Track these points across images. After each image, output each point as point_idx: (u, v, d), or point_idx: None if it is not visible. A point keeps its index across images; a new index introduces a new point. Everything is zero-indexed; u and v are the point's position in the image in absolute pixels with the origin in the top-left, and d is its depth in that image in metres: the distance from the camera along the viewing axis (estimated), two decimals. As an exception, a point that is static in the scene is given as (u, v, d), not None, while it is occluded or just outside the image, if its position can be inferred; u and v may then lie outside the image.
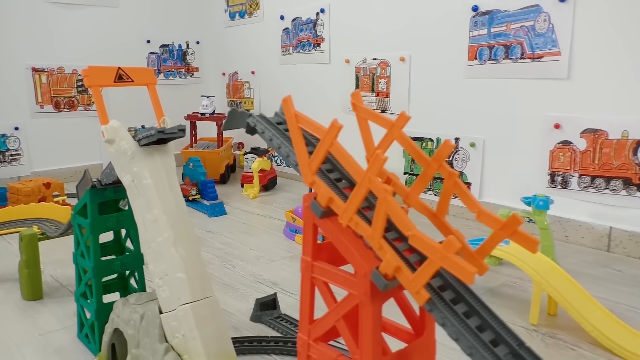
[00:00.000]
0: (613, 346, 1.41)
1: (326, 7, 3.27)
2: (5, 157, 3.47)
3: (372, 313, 0.60)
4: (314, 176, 0.66)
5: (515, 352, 0.55)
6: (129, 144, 1.12)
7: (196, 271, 1.08)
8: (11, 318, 1.65)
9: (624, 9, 2.06)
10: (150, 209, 1.11)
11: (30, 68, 3.52)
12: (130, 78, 1.24)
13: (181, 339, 1.09)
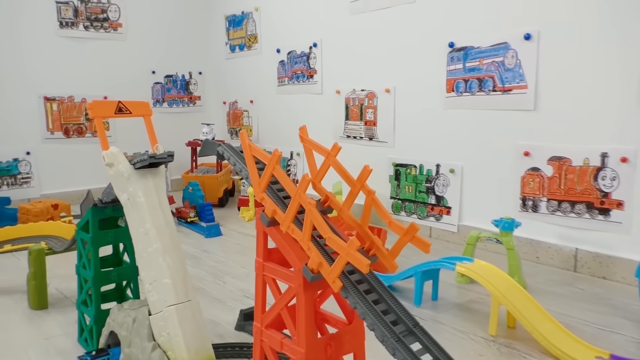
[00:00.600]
0: (560, 354, 1.56)
1: (318, 42, 3.50)
2: (17, 180, 3.68)
3: (305, 301, 0.77)
4: (262, 193, 0.84)
5: (411, 330, 0.72)
6: (126, 167, 1.31)
7: (180, 277, 1.25)
8: (19, 324, 1.82)
9: (583, 47, 2.26)
10: (143, 224, 1.29)
11: (43, 97, 3.76)
12: (129, 110, 1.42)
13: (166, 337, 1.25)
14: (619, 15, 2.15)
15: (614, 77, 2.18)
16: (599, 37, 2.21)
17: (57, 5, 3.78)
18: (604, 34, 2.19)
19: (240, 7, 4.18)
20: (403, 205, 3.06)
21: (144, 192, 1.29)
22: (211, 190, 3.66)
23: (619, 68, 2.17)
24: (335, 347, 0.81)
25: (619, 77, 2.17)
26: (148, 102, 1.51)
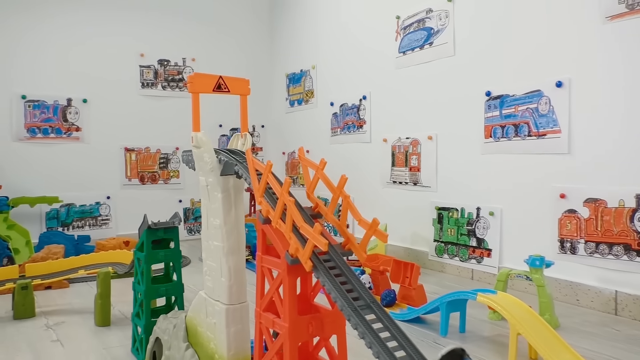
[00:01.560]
0: (575, 382, 1.58)
1: (367, 94, 3.75)
2: (97, 221, 4.12)
3: (288, 283, 0.94)
4: (261, 197, 1.03)
5: (368, 305, 0.86)
6: (211, 158, 1.30)
7: (237, 280, 1.33)
8: (84, 337, 2.09)
9: (612, 91, 2.33)
10: (215, 217, 1.35)
11: (124, 147, 4.25)
12: (227, 88, 1.40)
13: (213, 325, 1.36)
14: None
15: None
16: (628, 81, 2.28)
17: (141, 69, 4.33)
18: (632, 78, 2.26)
19: (299, 66, 4.56)
20: (446, 248, 3.13)
21: (222, 190, 1.31)
22: (266, 232, 3.90)
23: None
24: (316, 326, 0.97)
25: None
26: (248, 80, 1.48)
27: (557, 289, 2.52)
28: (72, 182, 4.01)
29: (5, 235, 3.27)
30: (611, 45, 2.34)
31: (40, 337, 2.07)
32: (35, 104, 3.88)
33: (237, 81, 1.42)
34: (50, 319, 2.31)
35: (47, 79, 3.94)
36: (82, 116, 4.06)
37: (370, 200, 3.77)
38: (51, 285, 2.83)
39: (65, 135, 4.00)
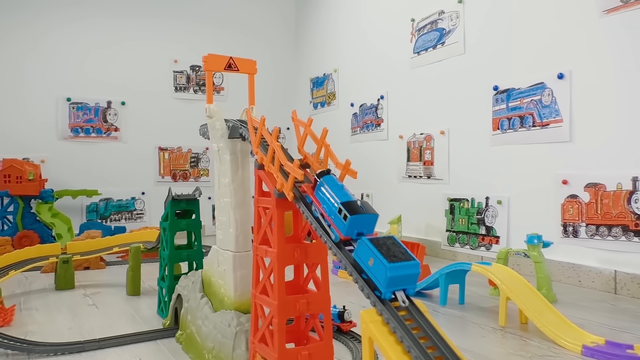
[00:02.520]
0: (557, 338, 1.70)
1: (385, 94, 3.94)
2: (133, 215, 4.42)
3: (278, 216, 1.13)
4: (257, 148, 1.23)
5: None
6: (221, 126, 1.51)
7: (243, 231, 1.52)
8: (116, 302, 2.32)
9: (612, 81, 2.44)
10: (225, 176, 1.56)
11: (157, 147, 4.55)
12: (237, 67, 1.58)
13: (223, 271, 1.57)
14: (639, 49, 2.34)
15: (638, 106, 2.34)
16: (624, 71, 2.39)
17: (174, 74, 4.64)
18: (628, 67, 2.38)
19: (322, 70, 4.79)
20: (457, 237, 3.26)
21: (231, 152, 1.50)
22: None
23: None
24: (301, 253, 1.15)
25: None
26: (255, 61, 1.65)
27: (561, 271, 2.63)
28: (110, 178, 4.32)
29: (50, 222, 3.58)
30: (608, 37, 2.46)
31: (78, 303, 2.32)
32: (79, 106, 4.23)
33: (245, 62, 1.60)
34: (87, 290, 2.56)
35: (89, 83, 4.29)
36: (120, 117, 4.39)
37: (387, 194, 3.93)
38: (89, 266, 3.10)
39: (105, 135, 4.33)
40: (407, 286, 0.86)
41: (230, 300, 1.52)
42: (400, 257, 0.85)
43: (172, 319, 1.91)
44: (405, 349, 0.80)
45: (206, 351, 1.52)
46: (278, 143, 1.13)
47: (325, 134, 1.18)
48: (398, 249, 0.87)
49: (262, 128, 1.20)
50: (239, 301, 1.50)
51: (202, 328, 1.59)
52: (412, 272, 0.85)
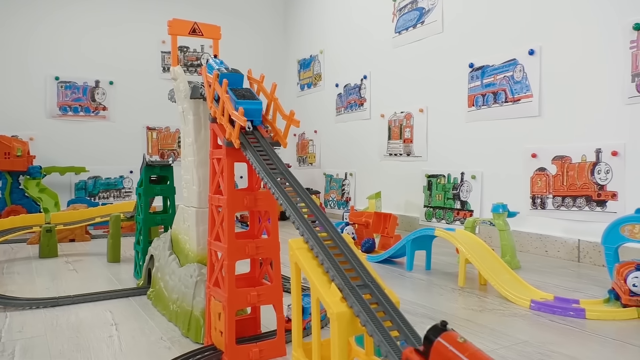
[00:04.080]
0: (509, 295, 1.79)
1: (368, 74, 4.00)
2: (121, 193, 4.49)
3: (227, 165, 1.21)
4: (211, 103, 1.30)
5: (281, 172, 1.12)
6: (184, 87, 1.56)
7: (205, 188, 1.58)
8: (96, 268, 2.41)
9: (577, 57, 2.51)
10: (188, 136, 1.63)
11: (145, 126, 4.61)
12: (202, 32, 1.61)
13: (187, 227, 1.65)
14: (607, 28, 2.40)
15: (604, 80, 2.40)
16: (590, 48, 2.46)
17: (162, 54, 4.69)
18: (594, 44, 2.44)
19: (309, 51, 4.84)
20: (434, 212, 3.34)
21: (194, 113, 1.56)
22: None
23: (607, 74, 2.39)
24: (250, 200, 1.23)
25: (608, 80, 2.39)
26: (219, 27, 1.68)
27: (529, 242, 2.71)
28: (98, 156, 4.39)
29: (37, 197, 3.66)
30: (577, 14, 2.52)
31: (60, 269, 2.40)
32: (67, 85, 4.28)
33: (210, 27, 1.65)
34: (70, 258, 2.65)
35: (78, 62, 4.34)
36: (108, 97, 4.45)
37: (369, 172, 4.01)
38: (75, 239, 3.18)
39: (93, 114, 4.39)
40: (254, 118, 1.20)
41: (194, 253, 1.60)
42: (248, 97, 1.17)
43: (145, 279, 1.99)
44: (324, 271, 0.88)
45: (171, 302, 1.60)
46: (227, 95, 1.20)
47: (274, 89, 1.25)
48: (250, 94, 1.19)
49: (214, 82, 1.27)
50: (201, 254, 1.58)
51: (169, 282, 1.67)
52: (255, 107, 1.19)
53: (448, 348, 0.64)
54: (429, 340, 0.67)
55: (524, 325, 1.53)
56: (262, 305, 1.27)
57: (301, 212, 1.01)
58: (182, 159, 1.68)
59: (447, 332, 0.66)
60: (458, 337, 0.65)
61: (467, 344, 0.64)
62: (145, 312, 1.68)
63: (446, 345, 0.65)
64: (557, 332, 1.48)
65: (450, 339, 0.65)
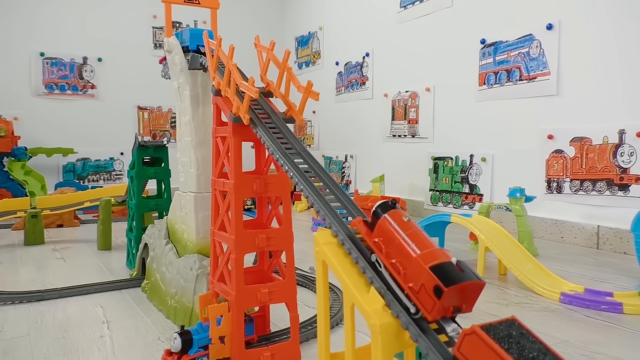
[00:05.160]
0: (535, 287, 1.65)
1: (370, 51, 3.81)
2: (111, 175, 4.31)
3: (234, 144, 1.05)
4: (214, 73, 1.13)
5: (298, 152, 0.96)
6: (180, 59, 1.41)
7: (205, 170, 1.45)
8: (85, 256, 2.24)
9: (600, 32, 2.35)
10: (185, 114, 1.48)
11: (136, 106, 4.41)
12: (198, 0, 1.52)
13: (185, 214, 1.50)
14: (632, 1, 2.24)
15: (630, 56, 2.25)
16: (613, 22, 2.30)
17: (153, 30, 4.47)
18: (618, 19, 2.28)
19: (307, 28, 4.64)
20: (440, 196, 3.20)
21: (191, 87, 1.42)
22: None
23: (634, 49, 2.23)
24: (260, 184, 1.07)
25: (631, 56, 2.23)
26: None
27: (543, 227, 2.58)
28: (87, 137, 4.19)
29: (23, 180, 3.47)
30: (599, -16, 2.36)
31: (46, 257, 2.23)
32: (53, 62, 4.06)
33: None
34: (57, 246, 2.48)
35: (64, 37, 4.11)
36: (97, 74, 4.23)
37: (371, 154, 3.85)
38: (63, 224, 3.01)
39: (81, 93, 4.18)
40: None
41: (193, 243, 1.45)
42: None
43: (139, 269, 1.83)
44: (360, 271, 0.73)
45: (169, 297, 1.45)
46: (234, 63, 1.03)
47: (287, 57, 1.08)
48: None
49: (218, 49, 1.10)
50: (201, 244, 1.43)
51: (166, 274, 1.52)
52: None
53: (391, 223, 0.70)
54: (376, 215, 0.72)
55: (558, 322, 1.40)
56: (273, 303, 1.12)
57: (327, 201, 0.85)
58: (178, 140, 1.52)
59: (395, 209, 0.71)
60: (404, 215, 0.70)
61: (410, 223, 0.69)
62: (140, 307, 1.52)
63: (390, 221, 0.70)
64: (596, 329, 1.34)
65: (396, 216, 0.70)
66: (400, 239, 0.67)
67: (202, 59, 1.30)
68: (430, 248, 0.65)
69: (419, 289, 0.63)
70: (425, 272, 0.62)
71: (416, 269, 0.63)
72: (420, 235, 0.67)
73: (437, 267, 0.62)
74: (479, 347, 0.56)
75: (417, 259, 0.64)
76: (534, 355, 0.53)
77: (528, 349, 0.54)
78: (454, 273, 0.62)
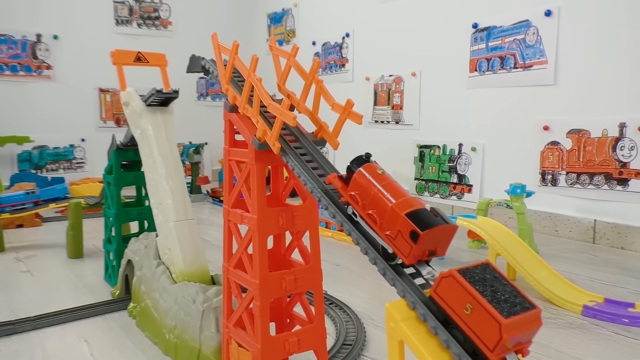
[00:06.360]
0: (554, 298, 1.57)
1: (350, 32, 3.63)
2: (72, 164, 4.00)
3: (257, 172, 0.88)
4: (227, 85, 0.96)
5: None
6: (138, 104, 1.48)
7: (180, 199, 1.39)
8: (55, 267, 2.02)
9: (602, 20, 2.26)
10: (151, 154, 1.45)
11: (98, 88, 4.08)
12: (147, 60, 1.59)
13: (168, 253, 1.39)
14: (635, -18, 2.15)
15: (630, 49, 2.17)
16: (616, 10, 2.21)
17: (115, 5, 4.12)
18: (621, 6, 2.19)
19: (281, 4, 4.38)
20: (427, 186, 3.10)
21: (153, 126, 1.46)
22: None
23: (634, 40, 2.15)
24: (287, 219, 0.91)
25: (634, 48, 2.15)
26: (164, 54, 1.65)
27: (537, 220, 2.52)
28: (44, 123, 3.85)
29: (-26, 173, 3.15)
30: (601, -31, 2.25)
31: (9, 269, 2.00)
32: (2, 39, 3.67)
33: (154, 55, 1.66)
34: (20, 253, 2.24)
35: (14, 11, 3.73)
36: (53, 54, 3.87)
37: (351, 141, 3.69)
38: (23, 224, 2.75)
39: (35, 74, 3.82)
40: None
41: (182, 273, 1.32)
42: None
43: (122, 287, 1.65)
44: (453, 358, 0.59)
45: (166, 330, 1.28)
46: (258, 77, 0.86)
47: (317, 66, 0.91)
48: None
49: (234, 57, 0.92)
50: (189, 271, 1.32)
51: (160, 302, 1.35)
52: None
53: (366, 176, 0.72)
54: (351, 169, 0.75)
55: (590, 343, 1.32)
56: (302, 352, 0.98)
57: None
58: (148, 185, 1.48)
59: (369, 163, 0.74)
60: (378, 168, 0.73)
61: (384, 175, 0.72)
62: (131, 340, 1.35)
63: (365, 173, 0.72)
64: (630, 351, 1.27)
65: (370, 169, 0.73)
66: (375, 191, 0.70)
67: (203, 60, 1.11)
68: (404, 197, 0.68)
69: (395, 236, 0.67)
70: (401, 218, 0.65)
71: (392, 217, 0.67)
72: (394, 185, 0.71)
73: (412, 213, 0.66)
74: (455, 289, 0.59)
75: (392, 208, 0.67)
76: (506, 297, 0.57)
77: (501, 291, 0.58)
78: (429, 218, 0.66)
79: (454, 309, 0.59)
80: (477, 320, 0.56)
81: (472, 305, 0.57)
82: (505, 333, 0.53)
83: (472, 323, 0.57)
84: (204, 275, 1.35)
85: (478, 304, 0.56)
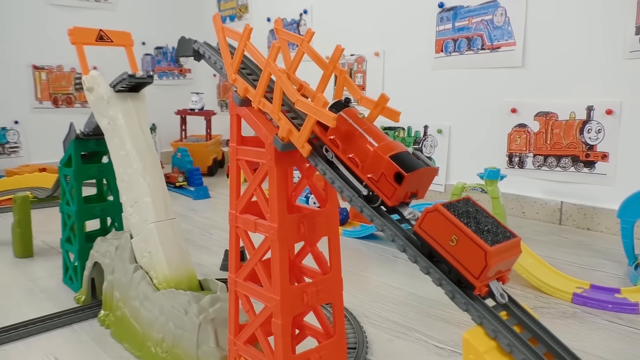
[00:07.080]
0: (541, 285, 1.57)
1: (309, 9, 3.49)
2: (5, 149, 3.66)
3: (277, 175, 0.78)
4: (235, 74, 0.84)
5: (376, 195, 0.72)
6: (106, 90, 1.31)
7: (160, 196, 1.25)
8: (4, 270, 1.81)
9: (572, 3, 2.26)
10: (123, 146, 1.29)
11: (31, 66, 3.73)
12: (110, 39, 1.41)
13: (148, 256, 1.26)
14: (604, -34, 2.16)
15: (600, 31, 2.19)
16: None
17: (47, -28, 3.75)
18: (590, -15, 2.20)
19: (231, -22, 4.16)
20: (392, 169, 3.07)
21: (123, 115, 1.30)
22: (200, 158, 3.65)
23: (604, 23, 2.17)
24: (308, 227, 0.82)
25: (604, 32, 2.18)
26: (130, 32, 1.47)
27: (504, 202, 2.53)
28: (-30, 104, 3.48)
29: None
30: (571, -49, 2.25)
31: (-53, 272, 1.78)
32: None
33: (119, 34, 1.45)
34: (-42, 253, 2.00)
35: None
36: (-23, 27, 3.48)
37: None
38: (-44, 218, 2.46)
39: (-43, 49, 3.42)
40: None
41: (166, 279, 1.19)
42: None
43: (88, 292, 1.50)
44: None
45: (152, 343, 1.16)
46: (280, 68, 0.75)
47: (339, 54, 0.81)
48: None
49: (245, 42, 0.80)
50: (175, 277, 1.20)
51: (142, 311, 1.22)
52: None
53: (347, 120, 0.73)
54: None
55: (587, 332, 1.32)
56: (323, 371, 0.89)
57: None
58: (119, 180, 1.32)
59: (349, 107, 0.76)
60: (358, 113, 0.75)
61: (364, 119, 0.74)
62: (108, 353, 1.21)
63: (346, 118, 0.73)
64: (630, 341, 1.28)
65: (350, 113, 0.74)
66: (357, 134, 0.71)
67: (196, 43, 0.97)
68: (386, 140, 0.69)
69: (378, 178, 0.67)
70: (385, 161, 0.66)
71: (375, 160, 0.68)
72: (375, 129, 0.72)
73: (396, 156, 0.67)
74: (440, 222, 0.61)
75: (376, 151, 0.68)
76: (489, 228, 0.60)
77: (483, 222, 0.60)
78: (412, 160, 0.67)
79: (438, 242, 0.61)
80: (462, 250, 0.58)
81: (457, 237, 0.59)
82: (490, 259, 0.56)
83: (457, 253, 0.59)
84: (192, 280, 1.23)
85: (464, 235, 0.58)
